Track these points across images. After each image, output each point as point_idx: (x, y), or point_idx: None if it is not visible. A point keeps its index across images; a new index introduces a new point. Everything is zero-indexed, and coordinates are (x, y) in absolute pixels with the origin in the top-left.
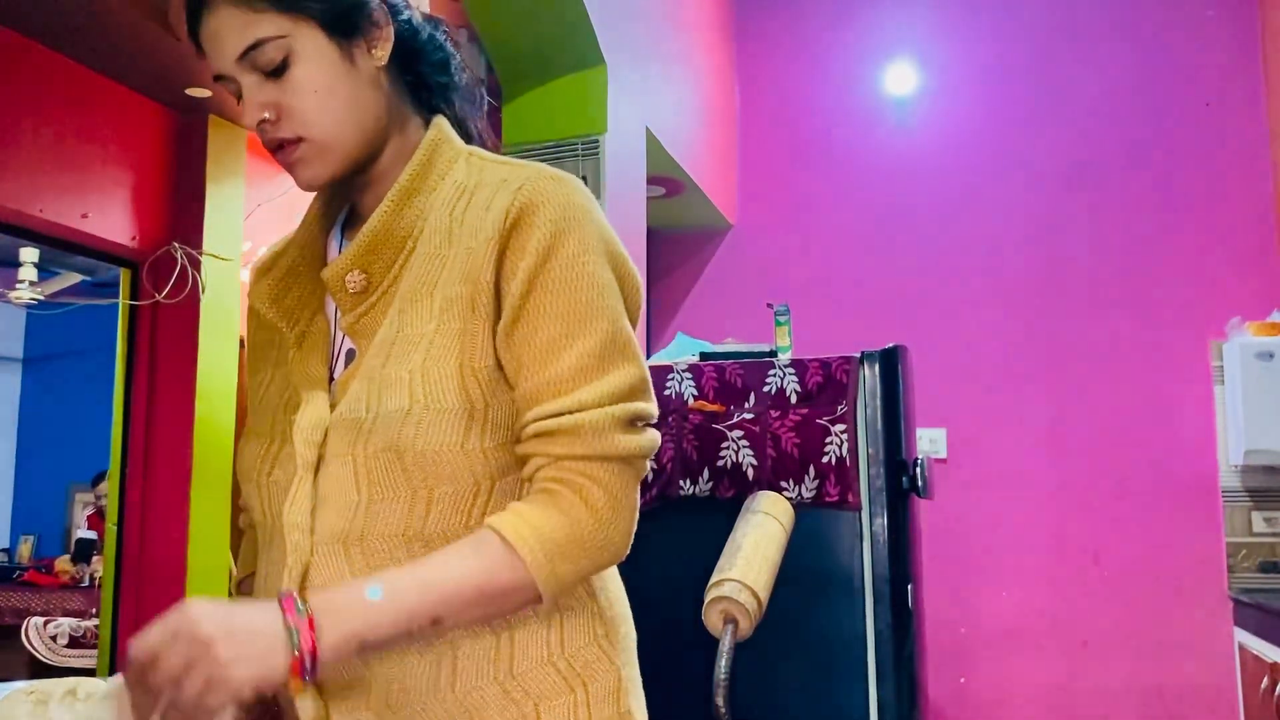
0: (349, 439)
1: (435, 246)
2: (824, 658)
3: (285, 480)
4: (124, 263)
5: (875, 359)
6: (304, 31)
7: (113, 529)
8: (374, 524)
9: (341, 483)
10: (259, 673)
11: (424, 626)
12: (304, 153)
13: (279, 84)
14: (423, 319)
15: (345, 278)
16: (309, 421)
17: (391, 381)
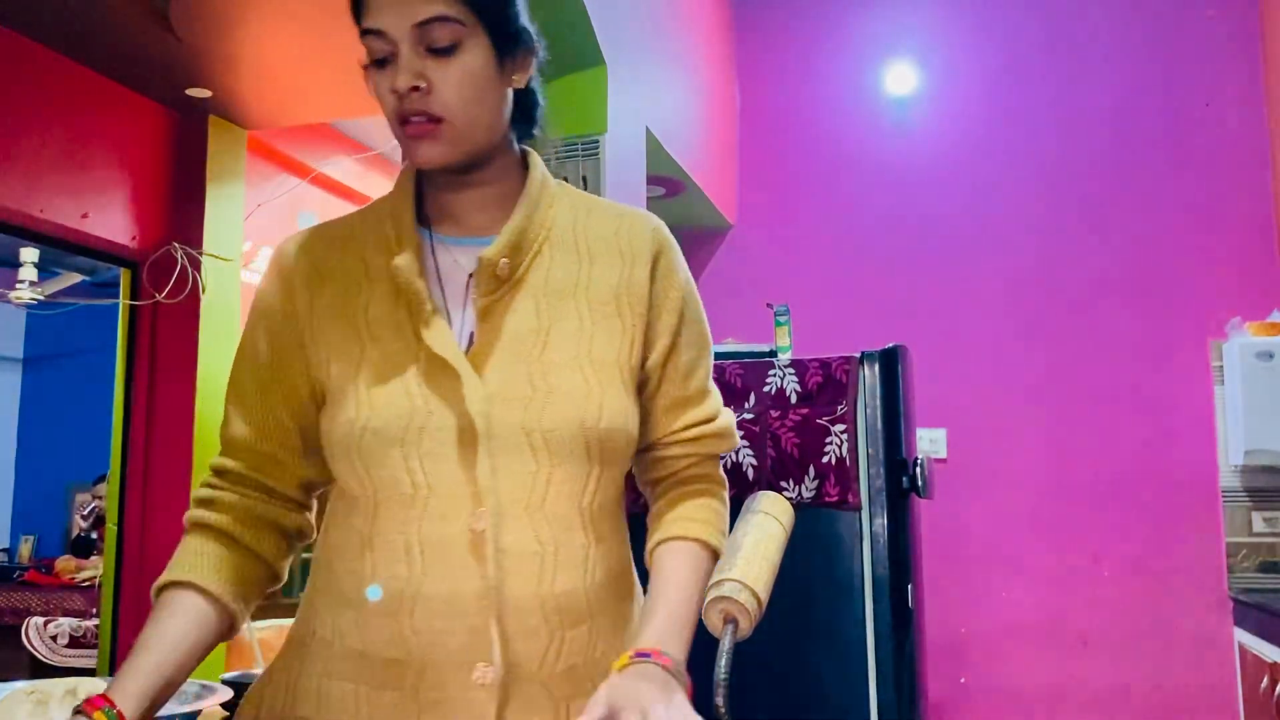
0: (518, 414)
1: (566, 253)
2: (824, 658)
3: (442, 449)
4: (124, 263)
5: (875, 359)
6: (476, 29)
7: (113, 529)
8: (553, 493)
9: (519, 454)
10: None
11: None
12: (441, 132)
13: (439, 63)
14: (574, 315)
15: (499, 263)
16: (479, 395)
17: (559, 365)
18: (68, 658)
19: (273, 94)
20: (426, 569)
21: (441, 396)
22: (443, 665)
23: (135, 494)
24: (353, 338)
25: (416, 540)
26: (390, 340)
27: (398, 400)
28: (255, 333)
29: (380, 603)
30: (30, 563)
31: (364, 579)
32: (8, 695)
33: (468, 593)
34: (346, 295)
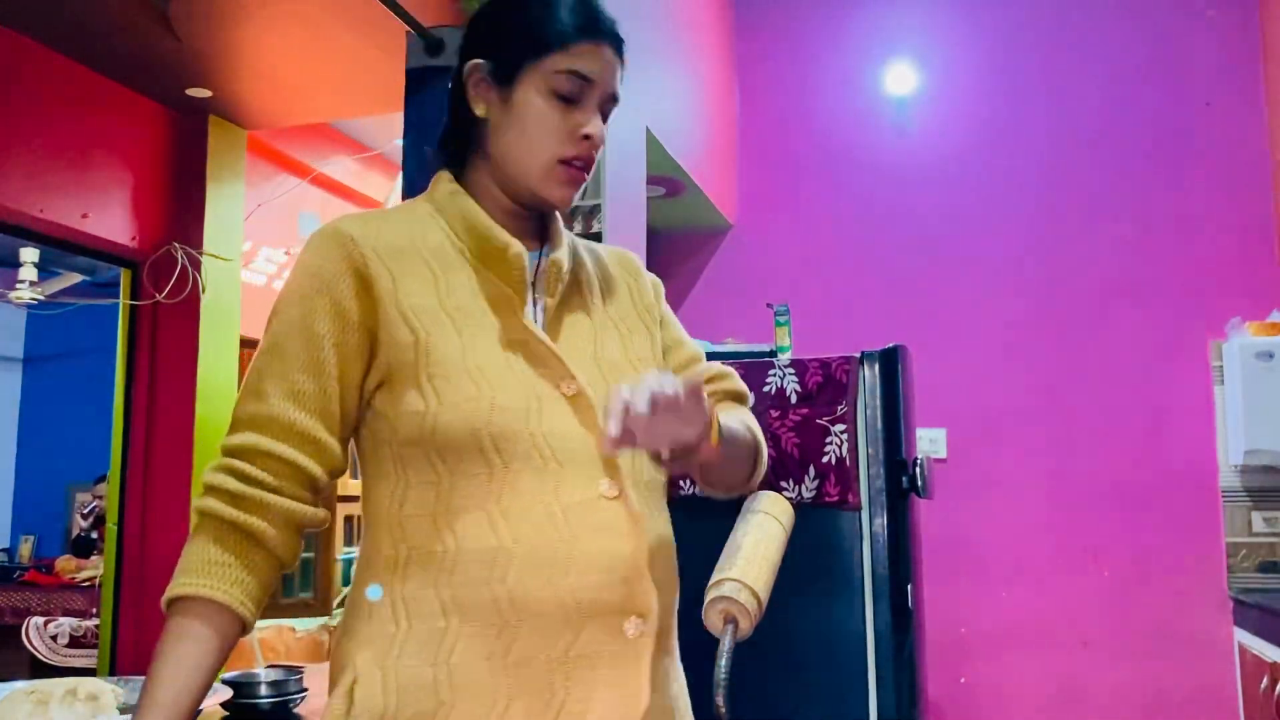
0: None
1: (593, 276)
2: (824, 658)
3: (563, 427)
4: (124, 263)
5: (875, 359)
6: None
7: (113, 529)
8: (638, 463)
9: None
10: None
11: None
12: (586, 178)
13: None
14: (611, 321)
15: (564, 265)
16: (584, 377)
17: (614, 362)
18: (68, 658)
19: (273, 94)
20: (575, 533)
21: (549, 381)
22: (599, 624)
23: (135, 494)
24: (445, 322)
25: (559, 508)
26: (484, 328)
27: (517, 382)
28: (312, 306)
29: (535, 571)
30: (30, 563)
31: (506, 550)
32: (8, 695)
33: (618, 551)
34: (422, 280)
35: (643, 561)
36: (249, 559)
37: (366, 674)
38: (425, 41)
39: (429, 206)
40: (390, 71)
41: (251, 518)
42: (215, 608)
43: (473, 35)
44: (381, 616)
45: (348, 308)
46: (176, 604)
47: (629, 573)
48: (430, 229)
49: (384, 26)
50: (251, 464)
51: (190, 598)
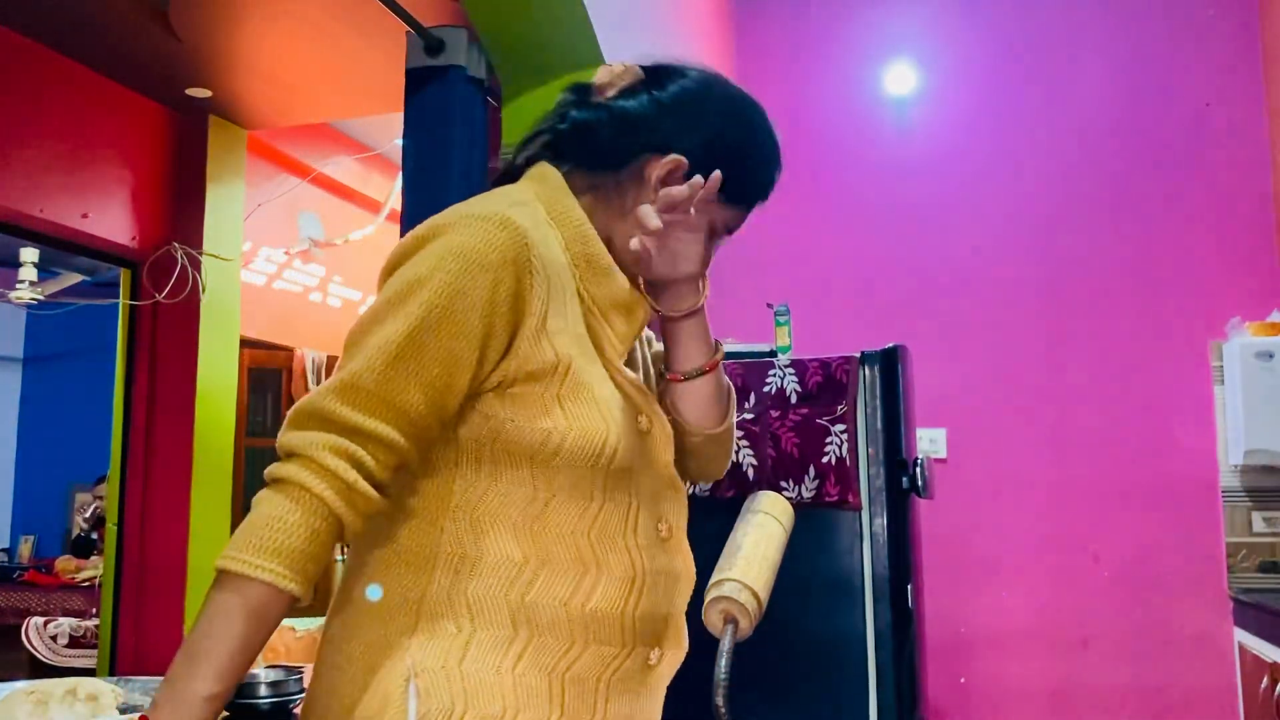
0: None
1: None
2: (824, 658)
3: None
4: (124, 263)
5: (875, 359)
6: None
7: (113, 529)
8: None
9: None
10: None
11: None
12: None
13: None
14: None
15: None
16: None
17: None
18: (68, 658)
19: (273, 94)
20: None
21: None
22: (640, 651)
23: (135, 494)
24: (575, 348)
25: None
26: (594, 359)
27: (629, 419)
28: (472, 302)
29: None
30: (30, 563)
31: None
32: (8, 695)
33: (672, 587)
34: (561, 300)
35: (684, 603)
36: (327, 545)
37: (431, 670)
38: (425, 41)
39: (543, 211)
40: (390, 71)
41: (352, 513)
42: (277, 594)
43: (701, 127)
44: (435, 614)
45: (504, 312)
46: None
47: (671, 610)
48: (552, 238)
49: (384, 26)
50: (373, 455)
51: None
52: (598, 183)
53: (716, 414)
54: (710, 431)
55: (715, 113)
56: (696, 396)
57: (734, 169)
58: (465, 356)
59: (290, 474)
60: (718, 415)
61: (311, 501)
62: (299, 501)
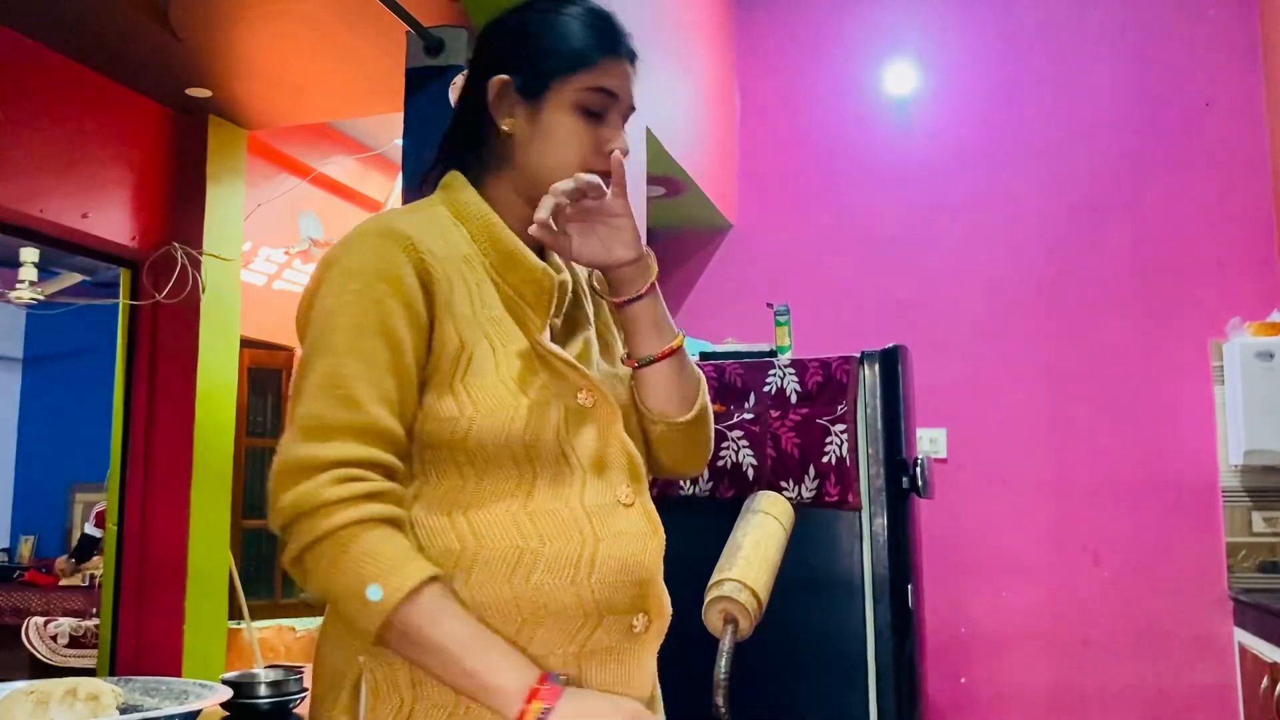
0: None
1: (582, 282)
2: (824, 658)
3: (584, 435)
4: (124, 263)
5: (875, 359)
6: None
7: (113, 529)
8: (645, 477)
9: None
10: None
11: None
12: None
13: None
14: (598, 333)
15: (569, 289)
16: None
17: (611, 377)
18: (68, 657)
19: (273, 94)
20: (600, 536)
21: (564, 394)
22: (610, 621)
23: (135, 494)
24: (480, 333)
25: (583, 513)
26: (513, 340)
27: (545, 390)
28: (386, 309)
29: (558, 570)
30: (30, 563)
31: (530, 551)
32: (8, 695)
33: (635, 555)
34: (467, 290)
35: (656, 564)
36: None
37: (381, 665)
38: (425, 41)
39: (447, 212)
40: (390, 71)
41: (393, 508)
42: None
43: (494, 49)
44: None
45: (419, 311)
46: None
47: (643, 575)
48: (456, 236)
49: (384, 26)
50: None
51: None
52: (486, 162)
53: (678, 402)
54: (673, 420)
55: (504, 24)
56: (655, 383)
57: (546, 47)
58: (404, 360)
59: (324, 528)
60: (680, 403)
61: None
62: (355, 537)
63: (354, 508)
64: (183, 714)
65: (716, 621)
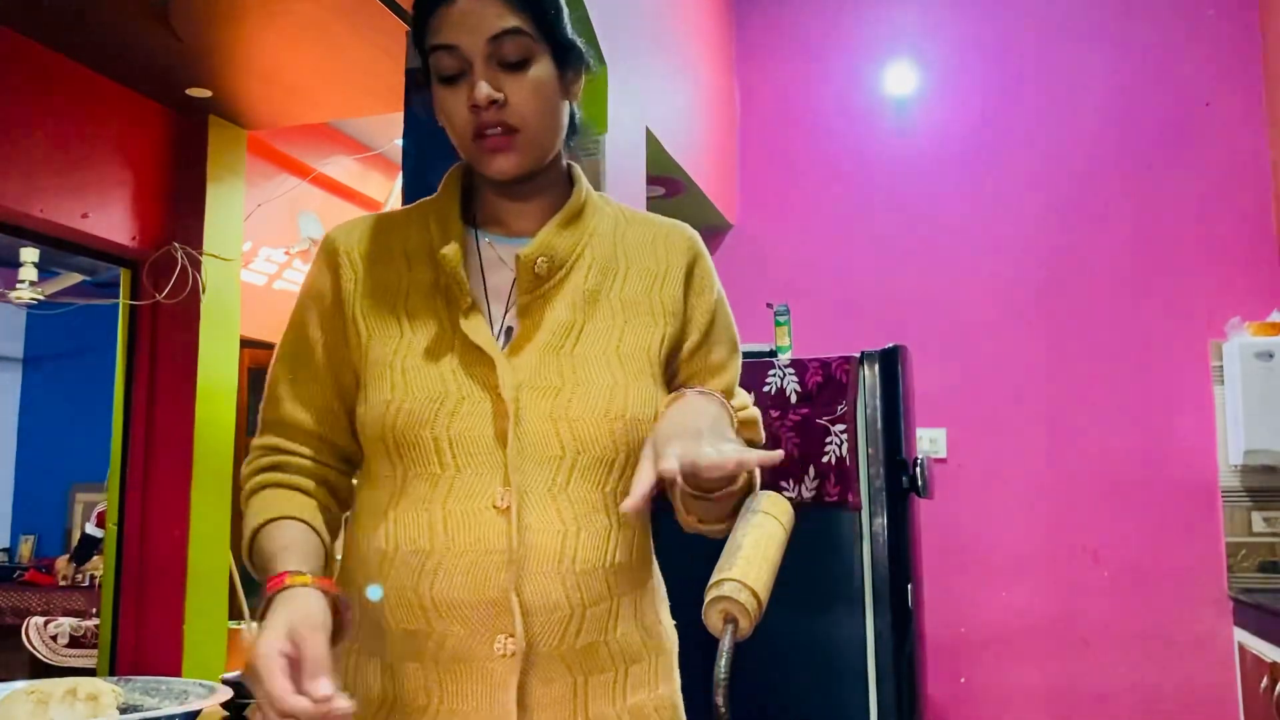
0: (547, 403)
1: (605, 260)
2: (824, 658)
3: (473, 432)
4: (124, 263)
5: (875, 359)
6: (541, 43)
7: (113, 529)
8: (577, 477)
9: (544, 440)
10: None
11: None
12: (516, 143)
13: (512, 77)
14: (607, 313)
15: (536, 261)
16: (512, 383)
17: (590, 359)
18: (68, 657)
19: (273, 94)
20: (450, 543)
21: (476, 382)
22: (463, 636)
23: (135, 494)
24: (392, 323)
25: (440, 516)
26: (428, 327)
27: (432, 384)
28: (306, 316)
29: (403, 576)
30: (30, 563)
31: (386, 555)
32: (8, 695)
33: (489, 565)
34: (388, 281)
35: (510, 583)
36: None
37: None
38: None
39: (431, 202)
40: (390, 71)
41: (300, 478)
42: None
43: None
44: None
45: (331, 314)
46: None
47: (494, 594)
48: (417, 226)
49: (384, 26)
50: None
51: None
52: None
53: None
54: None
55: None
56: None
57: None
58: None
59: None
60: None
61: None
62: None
63: (252, 478)
64: (183, 714)
65: (716, 621)
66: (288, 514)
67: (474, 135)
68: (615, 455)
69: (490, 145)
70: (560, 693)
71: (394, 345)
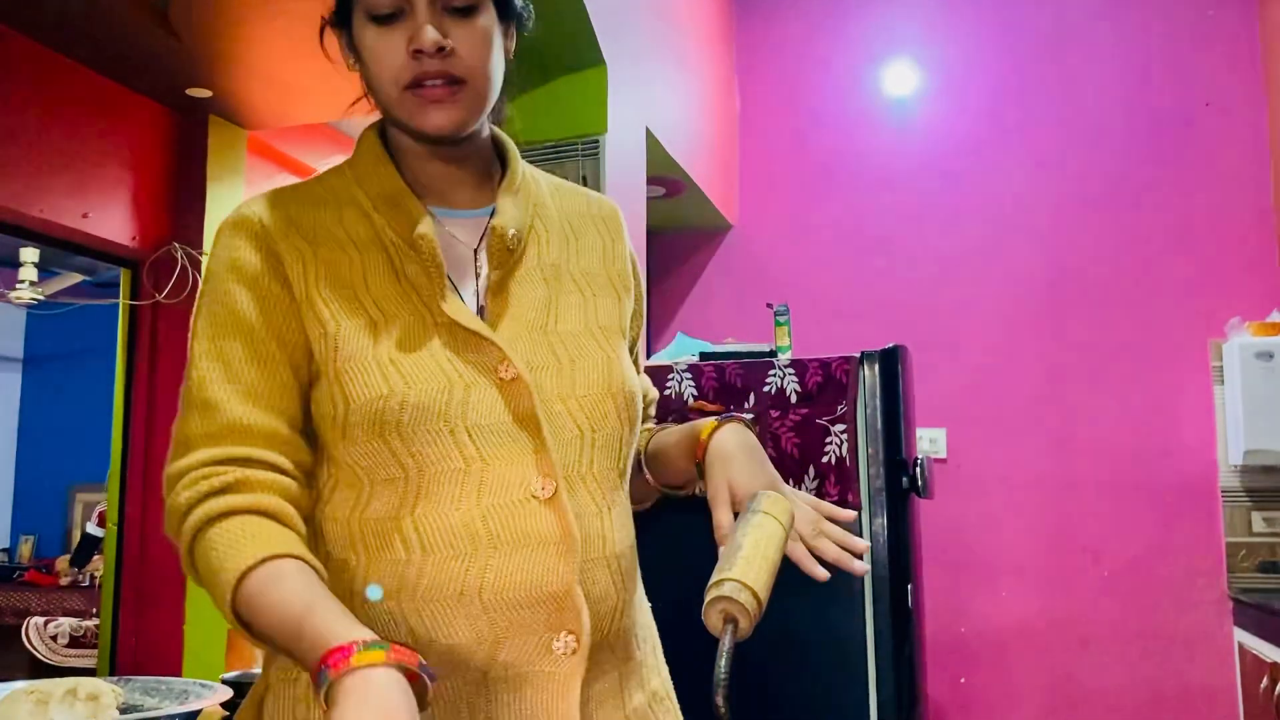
0: (552, 382)
1: (555, 230)
2: (824, 658)
3: (491, 419)
4: (124, 263)
5: (875, 359)
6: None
7: (113, 529)
8: (598, 456)
9: (562, 420)
10: None
11: None
12: (460, 95)
13: (459, 24)
14: (574, 288)
15: (509, 234)
16: (523, 363)
17: (573, 335)
18: (68, 658)
19: (273, 94)
20: (496, 542)
21: (474, 367)
22: (521, 642)
23: (135, 494)
24: (358, 309)
25: (479, 514)
26: (401, 313)
27: (430, 373)
28: (233, 300)
29: (440, 586)
30: (30, 563)
31: (411, 566)
32: (8, 695)
33: (546, 559)
34: (338, 264)
35: (573, 573)
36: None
37: (278, 685)
38: None
39: (351, 175)
40: None
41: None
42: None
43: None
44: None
45: (274, 296)
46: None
47: (557, 587)
48: (347, 204)
49: None
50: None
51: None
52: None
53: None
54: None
55: None
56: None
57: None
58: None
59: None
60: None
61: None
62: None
63: (200, 507)
64: (183, 714)
65: (716, 621)
66: (289, 552)
67: (410, 84)
68: (622, 431)
69: (431, 96)
70: (609, 687)
71: (371, 335)
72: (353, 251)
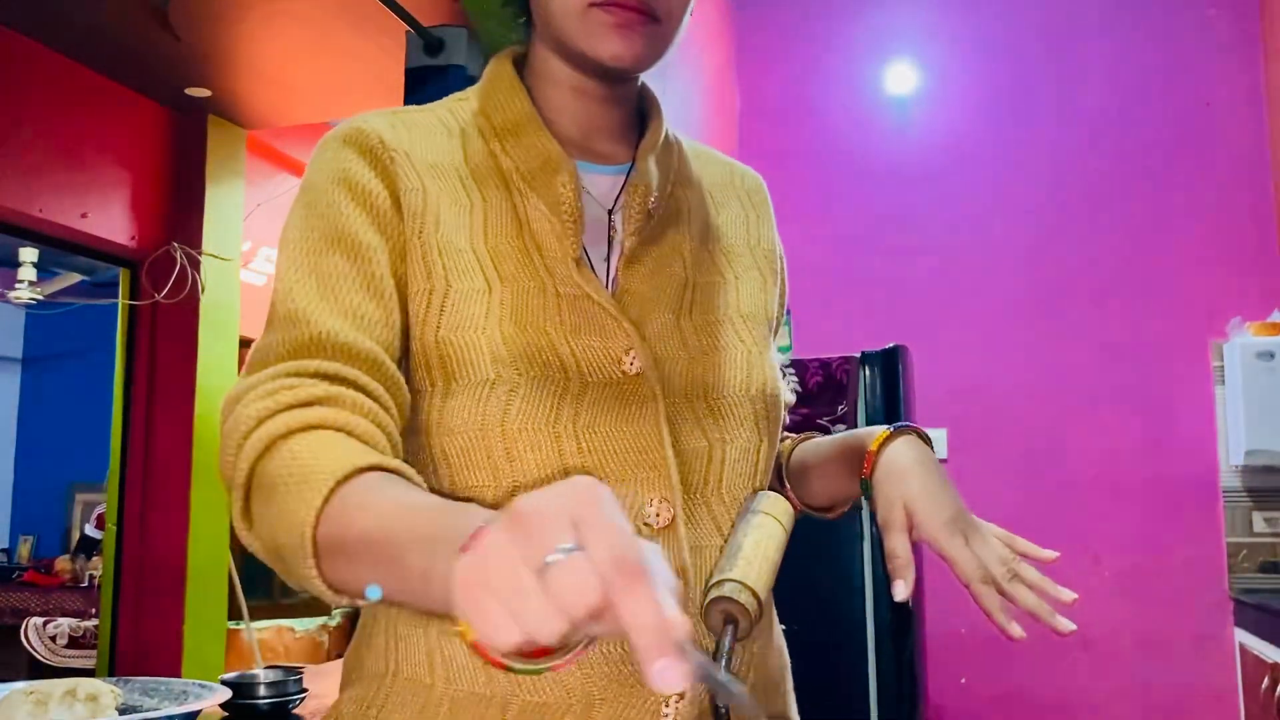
0: (683, 375)
1: (696, 195)
2: (824, 658)
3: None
4: (124, 263)
5: (875, 359)
6: None
7: (112, 529)
8: (729, 472)
9: (689, 424)
10: None
11: None
12: (650, 33)
13: None
14: (716, 264)
15: (652, 197)
16: (648, 356)
17: (712, 321)
18: (67, 658)
19: (273, 94)
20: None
21: (598, 358)
22: (617, 705)
23: (135, 494)
24: (473, 268)
25: None
26: (520, 276)
27: (549, 365)
28: (339, 213)
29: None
30: (30, 563)
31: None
32: (7, 695)
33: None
34: (458, 209)
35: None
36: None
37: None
38: (425, 41)
39: (475, 105)
40: (390, 71)
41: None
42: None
43: None
44: (376, 648)
45: (392, 221)
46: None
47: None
48: (473, 138)
49: (384, 26)
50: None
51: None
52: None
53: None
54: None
55: None
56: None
57: None
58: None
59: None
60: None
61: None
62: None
63: (277, 418)
64: (182, 714)
65: (717, 621)
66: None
67: (613, 8)
68: (760, 442)
69: (621, 20)
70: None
71: (483, 299)
72: (474, 195)
